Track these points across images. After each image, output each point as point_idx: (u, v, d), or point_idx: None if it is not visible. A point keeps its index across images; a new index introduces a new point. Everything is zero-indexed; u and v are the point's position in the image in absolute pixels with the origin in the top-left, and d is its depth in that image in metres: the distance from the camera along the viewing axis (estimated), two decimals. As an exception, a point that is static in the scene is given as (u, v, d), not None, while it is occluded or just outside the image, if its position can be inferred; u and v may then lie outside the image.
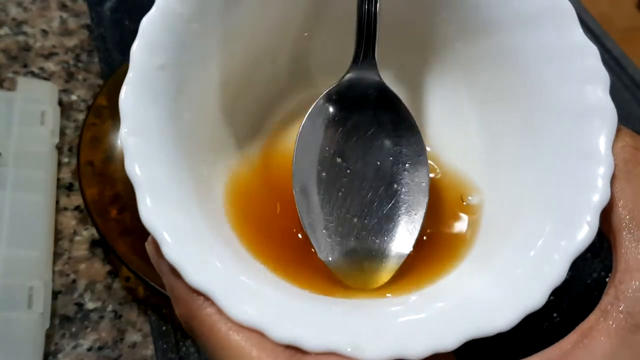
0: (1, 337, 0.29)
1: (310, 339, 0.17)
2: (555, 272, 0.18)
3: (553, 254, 0.18)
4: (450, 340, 0.17)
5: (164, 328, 0.32)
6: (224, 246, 0.20)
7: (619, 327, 0.17)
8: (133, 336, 0.32)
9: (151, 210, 0.18)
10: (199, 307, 0.17)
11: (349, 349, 0.17)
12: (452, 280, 0.21)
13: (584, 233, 0.18)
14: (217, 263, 0.18)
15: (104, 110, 0.37)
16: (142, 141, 0.19)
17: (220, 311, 0.17)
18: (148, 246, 0.19)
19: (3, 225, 0.32)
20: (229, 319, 0.17)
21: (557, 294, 0.18)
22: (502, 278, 0.19)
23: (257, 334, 0.17)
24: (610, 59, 0.46)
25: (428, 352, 0.17)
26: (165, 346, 0.31)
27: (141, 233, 0.18)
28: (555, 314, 0.32)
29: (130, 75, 0.19)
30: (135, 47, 0.20)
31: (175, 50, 0.21)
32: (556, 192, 0.20)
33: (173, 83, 0.21)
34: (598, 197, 0.18)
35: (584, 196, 0.19)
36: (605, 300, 0.17)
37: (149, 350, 0.31)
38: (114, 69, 0.40)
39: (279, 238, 0.23)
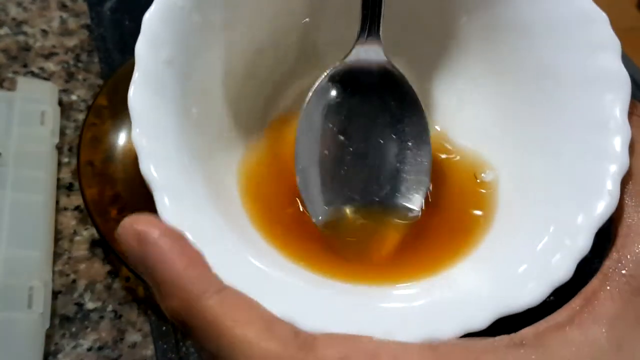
0: (1, 337, 0.29)
1: (340, 328, 0.17)
2: (580, 242, 0.18)
3: (576, 225, 0.18)
4: (481, 319, 0.17)
5: (164, 328, 0.32)
6: (245, 241, 0.20)
7: (622, 290, 0.17)
8: (133, 336, 0.32)
9: (171, 212, 0.18)
10: (197, 298, 0.16)
11: (380, 334, 0.17)
12: (473, 262, 0.21)
13: (606, 202, 0.18)
14: (242, 260, 0.18)
15: (104, 110, 0.37)
16: (154, 141, 0.18)
17: (222, 302, 0.16)
18: (124, 237, 0.17)
19: (3, 225, 0.32)
20: (232, 312, 0.16)
21: (557, 294, 0.18)
22: (526, 254, 0.19)
23: (263, 326, 0.16)
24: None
25: (459, 332, 0.17)
26: (165, 346, 0.31)
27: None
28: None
29: (137, 73, 0.19)
30: (139, 44, 0.19)
31: (180, 43, 0.20)
32: (574, 163, 0.20)
33: (180, 77, 0.20)
34: (617, 165, 0.18)
35: (603, 165, 0.19)
36: (607, 264, 0.18)
37: (149, 350, 0.31)
38: (114, 69, 0.40)
39: (296, 227, 0.23)
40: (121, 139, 0.36)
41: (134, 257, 0.17)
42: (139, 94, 0.19)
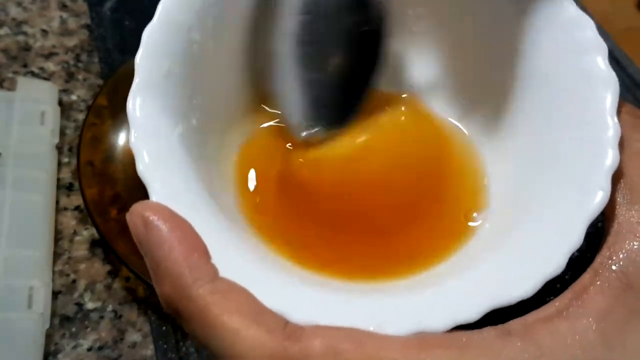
0: (1, 337, 0.29)
1: (330, 322, 0.17)
2: (572, 236, 0.18)
3: (568, 219, 0.18)
4: (472, 312, 0.17)
5: (164, 328, 0.32)
6: (239, 239, 0.20)
7: (612, 286, 0.17)
8: (133, 336, 0.32)
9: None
10: (189, 286, 0.16)
11: (371, 328, 0.16)
12: (465, 258, 0.21)
13: (598, 197, 0.18)
14: (236, 256, 0.18)
15: (104, 110, 0.37)
16: (153, 146, 0.19)
17: (213, 292, 0.16)
18: (133, 220, 0.18)
19: (3, 225, 0.32)
20: (222, 301, 0.16)
21: (558, 293, 0.18)
22: (517, 248, 0.19)
23: (251, 315, 0.16)
24: (610, 59, 0.46)
25: (449, 324, 0.17)
26: (165, 346, 0.31)
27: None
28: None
29: (136, 82, 0.20)
30: (140, 56, 0.20)
31: (179, 57, 0.21)
32: (566, 160, 0.20)
33: (179, 89, 0.21)
34: (608, 161, 0.19)
35: (594, 161, 0.19)
36: (598, 260, 0.18)
37: (149, 350, 0.31)
38: (114, 69, 0.40)
39: (290, 228, 0.23)
40: (121, 139, 0.36)
41: (138, 240, 0.17)
42: (138, 100, 0.19)
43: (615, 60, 0.45)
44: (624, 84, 0.45)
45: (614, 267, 0.17)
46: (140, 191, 0.18)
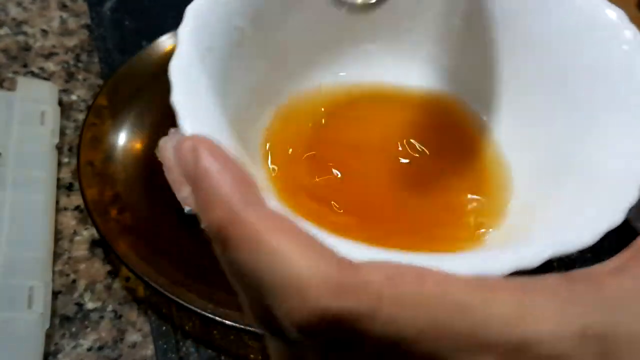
0: (1, 337, 0.29)
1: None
2: (628, 191, 0.18)
3: (621, 178, 0.19)
4: (534, 258, 0.17)
5: (164, 328, 0.32)
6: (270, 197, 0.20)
7: None
8: (133, 336, 0.32)
9: None
10: (242, 209, 0.16)
11: None
12: (524, 211, 0.22)
13: None
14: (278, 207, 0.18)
15: (104, 110, 0.37)
16: (194, 105, 0.19)
17: (266, 217, 0.16)
18: (184, 149, 0.17)
19: (3, 225, 0.32)
20: (275, 225, 0.15)
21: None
22: (577, 201, 0.19)
23: (307, 241, 0.15)
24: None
25: (509, 269, 0.16)
26: (165, 346, 0.31)
27: (141, 233, 0.18)
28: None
29: (179, 50, 0.20)
30: (183, 28, 0.20)
31: (219, 38, 0.21)
32: (611, 130, 0.20)
33: (220, 66, 0.21)
34: None
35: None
36: None
37: (149, 350, 0.31)
38: (114, 69, 0.40)
39: (322, 209, 0.24)
40: (121, 139, 0.36)
41: (187, 170, 0.17)
42: (181, 65, 0.19)
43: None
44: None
45: None
46: (140, 191, 0.18)
